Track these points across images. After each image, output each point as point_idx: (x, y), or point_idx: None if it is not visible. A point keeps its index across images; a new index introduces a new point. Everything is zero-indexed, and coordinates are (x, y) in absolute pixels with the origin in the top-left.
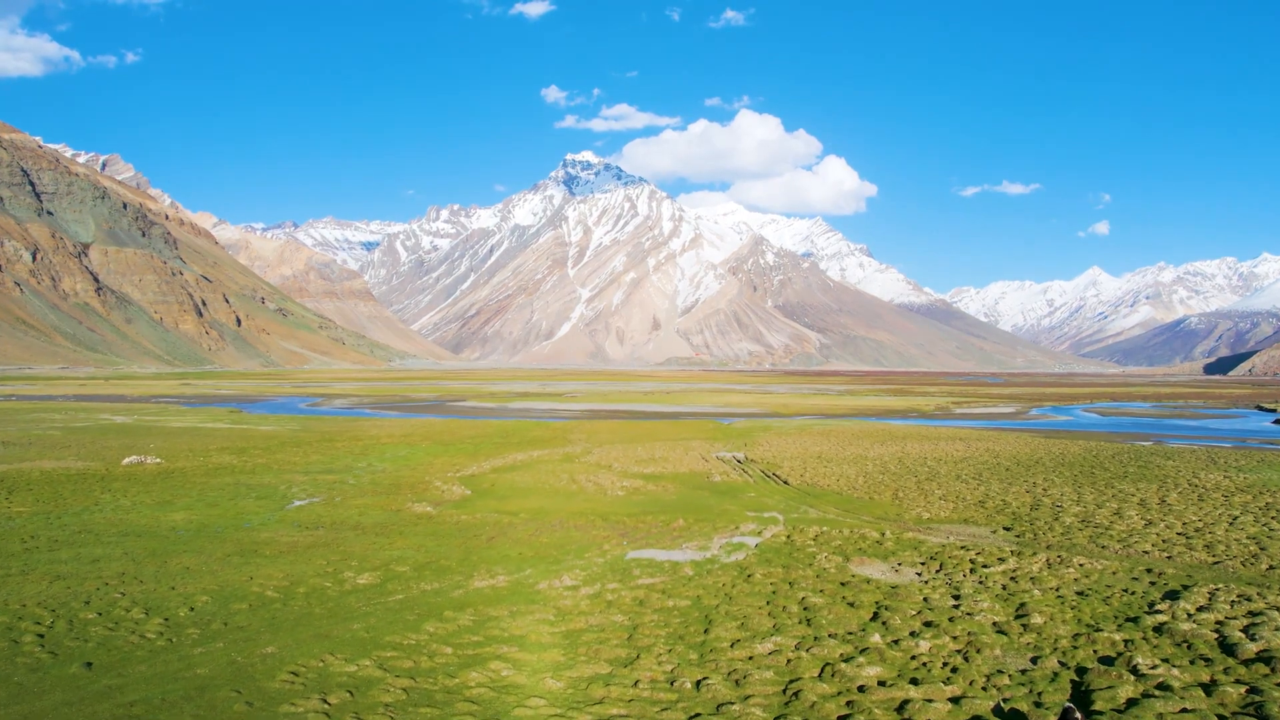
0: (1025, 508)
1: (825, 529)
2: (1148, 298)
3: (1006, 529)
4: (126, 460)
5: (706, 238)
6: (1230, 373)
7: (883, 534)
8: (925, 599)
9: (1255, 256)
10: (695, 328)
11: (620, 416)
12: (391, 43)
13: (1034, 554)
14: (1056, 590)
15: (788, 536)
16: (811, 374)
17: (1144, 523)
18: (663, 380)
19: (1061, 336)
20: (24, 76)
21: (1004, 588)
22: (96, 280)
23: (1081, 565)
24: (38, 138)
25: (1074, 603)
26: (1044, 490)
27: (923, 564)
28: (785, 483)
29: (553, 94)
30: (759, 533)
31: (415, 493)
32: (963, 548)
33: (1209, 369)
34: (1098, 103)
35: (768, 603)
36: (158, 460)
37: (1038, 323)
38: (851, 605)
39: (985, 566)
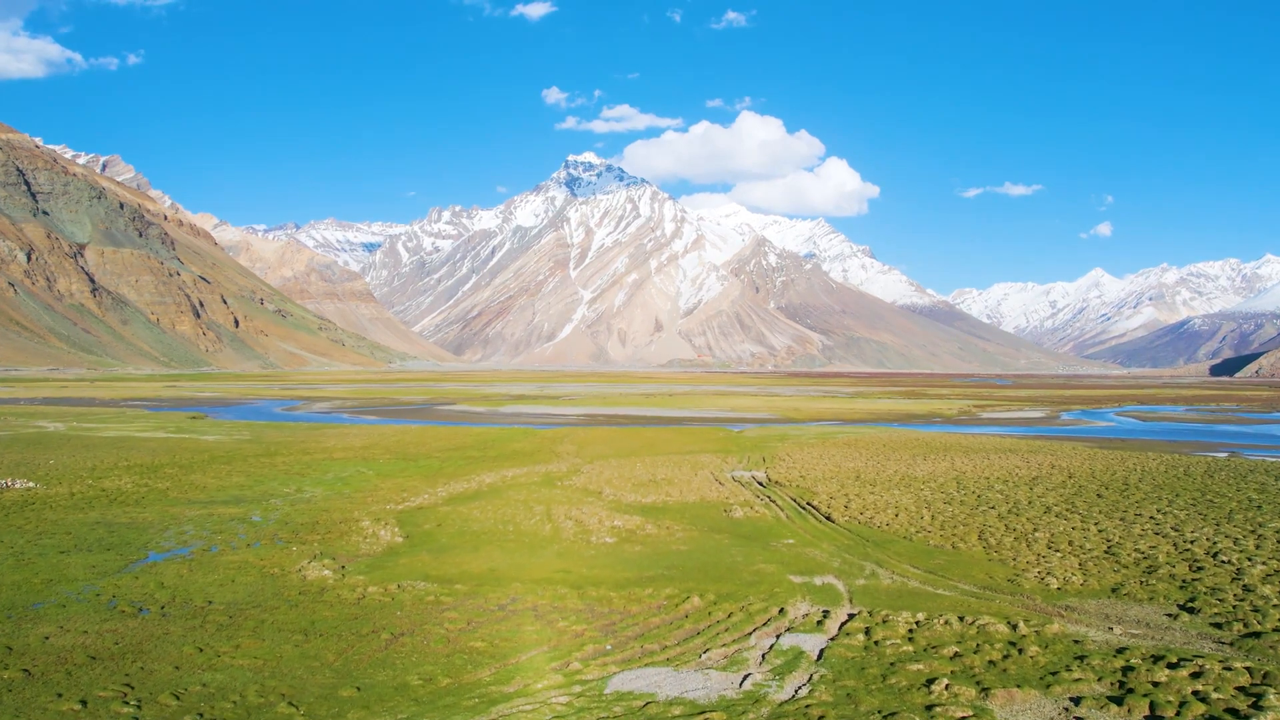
0: (1180, 563)
1: (921, 616)
2: (1151, 299)
3: (1187, 609)
4: None
5: (709, 239)
6: (1237, 374)
7: (1013, 626)
8: None
9: (1259, 257)
10: (698, 329)
11: (619, 422)
12: (393, 45)
13: None
14: None
15: (867, 632)
16: (816, 375)
17: None
18: (665, 382)
19: (1064, 338)
20: (26, 78)
21: None
22: (92, 281)
23: None
24: (38, 138)
25: None
26: (1176, 530)
27: (1115, 701)
28: (828, 518)
29: (553, 95)
30: (819, 624)
31: (328, 540)
32: (1158, 659)
33: (1215, 370)
34: (1100, 104)
35: None
36: (29, 485)
37: (1040, 324)
38: None
39: (1238, 716)
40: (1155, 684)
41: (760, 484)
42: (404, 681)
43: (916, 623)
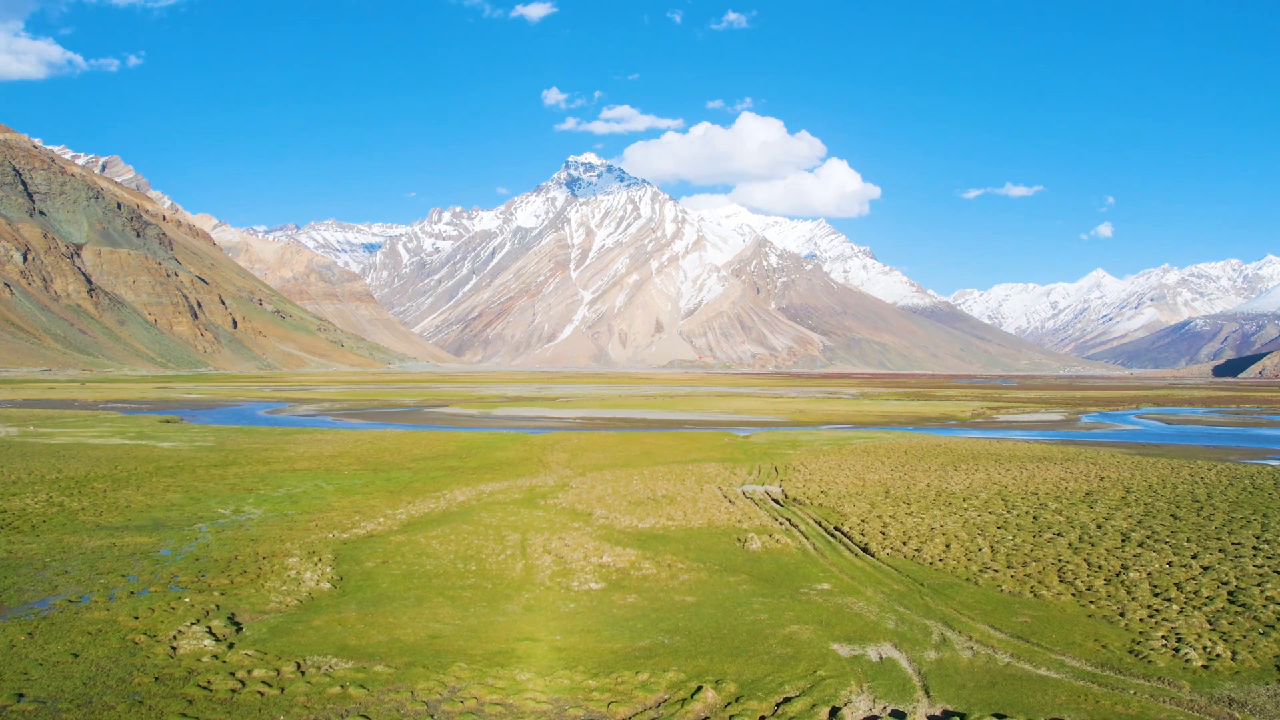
0: None
1: None
2: (1152, 300)
3: None
4: None
5: (709, 240)
6: (1240, 375)
7: None
8: None
9: (1260, 258)
10: (698, 330)
11: (617, 426)
12: (393, 46)
13: None
14: None
15: None
16: (818, 377)
17: None
18: (666, 383)
19: (1066, 339)
20: (27, 79)
21: None
22: (89, 281)
23: None
24: (37, 139)
25: None
26: None
27: None
28: (865, 550)
29: (553, 96)
30: None
31: (236, 585)
32: None
33: (1217, 371)
34: (1100, 104)
35: None
36: None
37: (1041, 325)
38: None
39: None
40: None
41: (776, 502)
42: None
43: None
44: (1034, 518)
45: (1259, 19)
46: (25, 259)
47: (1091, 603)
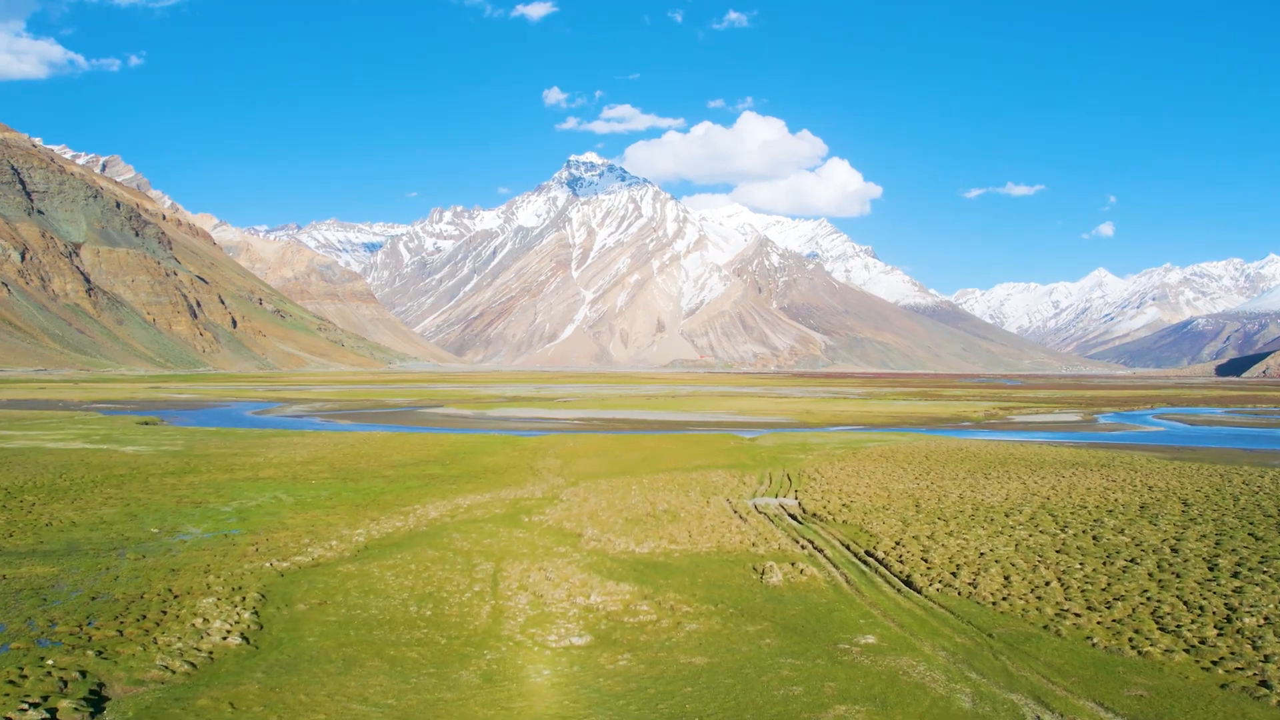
0: None
1: None
2: (1154, 299)
3: None
4: None
5: (711, 239)
6: (1244, 374)
7: None
8: None
9: (1262, 257)
10: (700, 330)
11: (616, 428)
12: (393, 46)
13: None
14: None
15: None
16: (820, 376)
17: None
18: (667, 383)
19: (1068, 338)
20: (28, 79)
21: None
22: (87, 281)
23: None
24: (37, 138)
25: None
26: None
27: None
28: (908, 583)
29: (554, 95)
30: None
31: (124, 639)
32: None
33: (1221, 370)
34: (1101, 103)
35: None
36: None
37: (1043, 324)
38: None
39: None
40: None
41: (794, 518)
42: None
43: None
44: (1094, 538)
45: (1259, 19)
46: (23, 258)
47: (1215, 664)
